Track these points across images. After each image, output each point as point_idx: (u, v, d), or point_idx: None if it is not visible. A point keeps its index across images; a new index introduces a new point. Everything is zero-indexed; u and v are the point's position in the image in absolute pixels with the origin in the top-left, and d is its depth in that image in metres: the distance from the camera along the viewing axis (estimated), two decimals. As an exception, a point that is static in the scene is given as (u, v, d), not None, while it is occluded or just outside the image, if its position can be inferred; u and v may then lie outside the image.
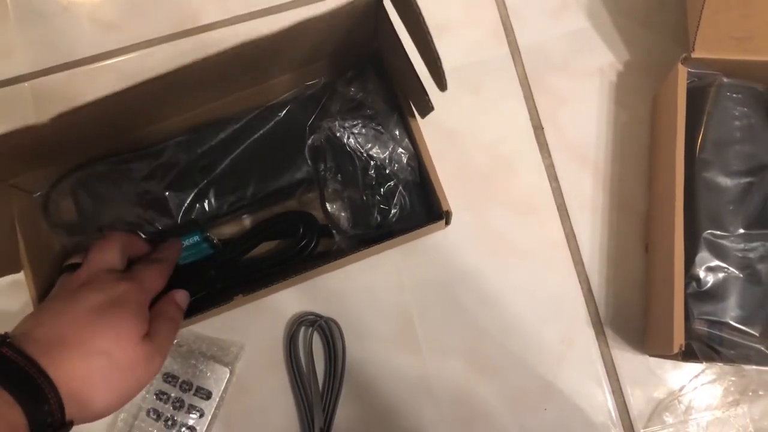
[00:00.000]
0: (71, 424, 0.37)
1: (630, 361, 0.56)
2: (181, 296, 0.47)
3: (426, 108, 0.43)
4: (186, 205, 0.52)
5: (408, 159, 0.51)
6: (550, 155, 0.59)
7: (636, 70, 0.60)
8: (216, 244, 0.54)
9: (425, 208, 0.52)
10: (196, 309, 0.50)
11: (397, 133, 0.51)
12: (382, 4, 0.42)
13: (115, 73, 0.61)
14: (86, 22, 0.62)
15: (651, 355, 0.54)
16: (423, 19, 0.36)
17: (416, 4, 0.36)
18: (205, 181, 0.52)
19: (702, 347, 0.49)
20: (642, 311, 0.56)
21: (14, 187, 0.52)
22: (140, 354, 0.40)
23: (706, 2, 0.49)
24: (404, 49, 0.43)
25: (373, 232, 0.51)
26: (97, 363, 0.38)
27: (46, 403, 0.35)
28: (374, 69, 0.52)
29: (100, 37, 0.62)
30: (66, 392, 0.36)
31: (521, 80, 0.60)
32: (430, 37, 0.37)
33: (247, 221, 0.56)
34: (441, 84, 0.40)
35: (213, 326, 0.56)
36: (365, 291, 0.57)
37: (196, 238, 0.52)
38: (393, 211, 0.50)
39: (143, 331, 0.41)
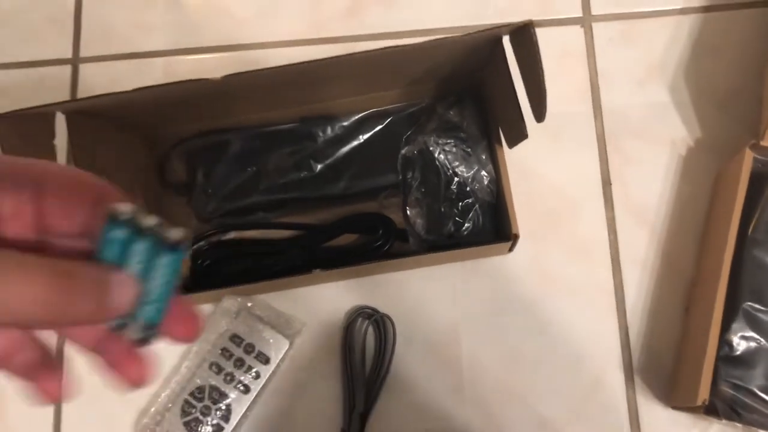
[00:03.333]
0: None
1: (654, 411, 0.60)
2: None
3: (520, 136, 0.49)
4: (287, 182, 0.58)
5: (489, 182, 0.57)
6: (612, 209, 0.64)
7: (705, 147, 0.65)
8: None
9: (495, 229, 0.58)
10: (274, 274, 0.56)
11: (483, 157, 0.57)
12: (502, 43, 0.48)
13: (239, 65, 0.69)
14: (223, 16, 0.70)
15: (674, 408, 0.58)
16: (540, 57, 0.42)
17: (538, 46, 0.42)
18: (308, 168, 0.58)
19: (724, 407, 0.53)
20: (673, 366, 0.60)
21: (143, 141, 0.59)
22: None
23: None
24: (512, 81, 0.49)
25: (445, 241, 0.57)
26: None
27: None
28: (472, 97, 0.59)
29: (231, 30, 0.70)
30: None
31: (598, 136, 0.65)
32: (542, 71, 0.42)
33: (329, 213, 0.63)
34: (540, 115, 0.46)
35: (283, 301, 0.62)
36: (422, 298, 0.62)
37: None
38: (466, 225, 0.56)
39: None
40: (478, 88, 0.59)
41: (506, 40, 0.50)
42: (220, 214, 0.60)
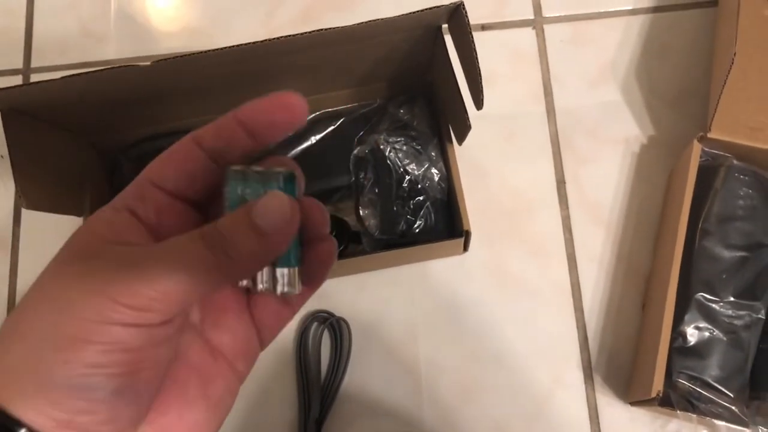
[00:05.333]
0: None
1: (613, 409, 0.59)
2: None
3: (464, 128, 0.49)
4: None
5: (439, 179, 0.57)
6: (567, 208, 0.64)
7: (658, 145, 0.65)
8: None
9: (448, 227, 0.58)
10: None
11: (433, 155, 0.57)
12: (441, 30, 0.49)
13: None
14: (174, 24, 0.70)
15: (632, 403, 0.58)
16: (472, 38, 0.42)
17: (469, 26, 0.42)
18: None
19: (679, 398, 0.53)
20: (630, 363, 0.60)
21: (91, 146, 0.59)
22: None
23: (725, 90, 0.55)
24: (454, 73, 0.49)
25: (398, 240, 0.56)
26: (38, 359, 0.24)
27: None
28: (424, 98, 0.59)
29: (184, 39, 0.70)
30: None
31: (552, 136, 0.66)
32: (476, 55, 0.43)
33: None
34: (478, 102, 0.46)
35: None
36: (379, 301, 0.62)
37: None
38: (418, 222, 0.56)
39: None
40: (429, 89, 0.59)
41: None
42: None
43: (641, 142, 0.66)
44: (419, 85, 0.59)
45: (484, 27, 0.69)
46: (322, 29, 0.44)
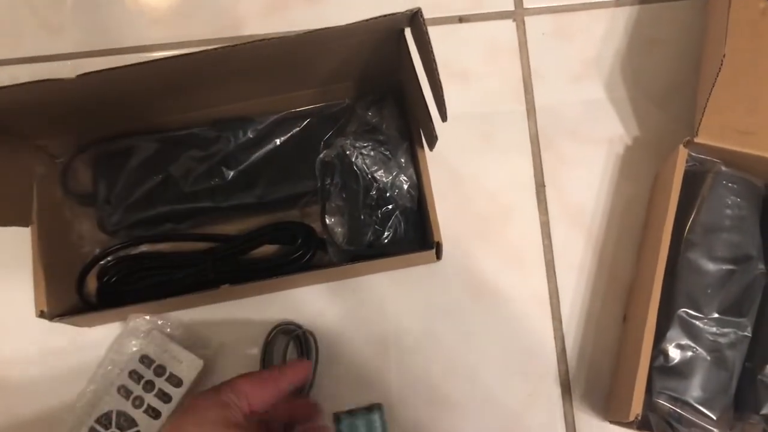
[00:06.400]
0: None
1: (591, 425, 0.57)
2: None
3: (431, 137, 0.46)
4: (197, 190, 0.55)
5: (409, 187, 0.53)
6: (547, 213, 0.61)
7: (643, 146, 0.62)
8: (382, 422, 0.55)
9: (419, 236, 0.54)
10: (182, 290, 0.52)
11: (403, 161, 0.53)
12: (404, 36, 0.45)
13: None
14: (135, 14, 0.66)
15: (611, 422, 0.55)
16: (431, 48, 0.39)
17: (427, 35, 0.38)
18: (219, 175, 0.55)
19: (659, 421, 0.50)
20: (610, 377, 0.57)
21: (40, 149, 0.55)
22: None
23: (713, 92, 0.51)
24: (418, 79, 0.45)
25: (365, 251, 0.53)
26: None
27: None
28: (394, 100, 0.55)
29: (145, 30, 0.66)
30: None
31: (532, 137, 0.62)
32: (436, 66, 0.39)
33: (245, 223, 0.59)
34: (442, 114, 0.42)
35: (197, 318, 0.58)
36: (348, 310, 0.59)
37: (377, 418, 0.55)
38: (386, 233, 0.52)
39: None
40: (399, 89, 0.55)
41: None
42: (125, 225, 0.55)
43: (626, 142, 0.62)
44: (388, 84, 0.55)
45: (461, 19, 0.65)
46: (274, 38, 0.41)
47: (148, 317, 0.57)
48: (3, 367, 0.58)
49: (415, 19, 0.39)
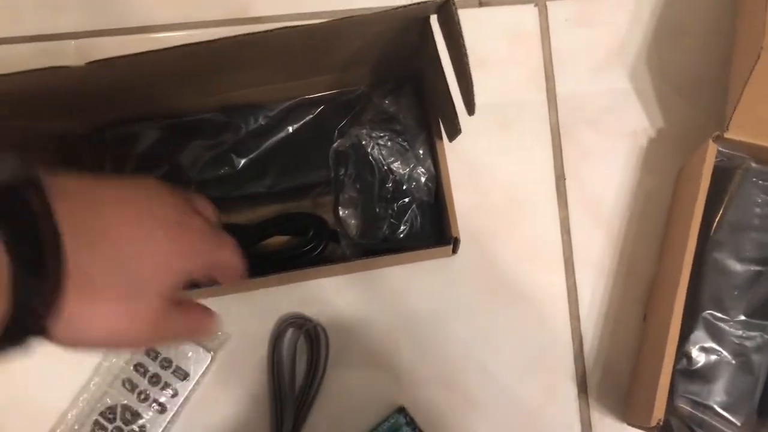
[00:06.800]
0: (43, 331, 0.28)
1: (607, 426, 0.55)
2: (211, 324, 0.39)
3: (454, 131, 0.44)
4: (206, 179, 0.53)
5: (427, 179, 0.51)
6: (567, 207, 0.59)
7: (668, 139, 0.60)
8: (408, 420, 0.54)
9: (435, 231, 0.53)
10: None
11: (421, 152, 0.51)
12: (429, 23, 0.43)
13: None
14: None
15: (629, 424, 0.54)
16: (463, 40, 0.36)
17: (459, 26, 0.36)
18: (229, 163, 0.53)
19: (681, 426, 0.49)
20: (628, 378, 0.55)
21: (45, 134, 0.53)
22: (152, 306, 0.32)
23: (747, 86, 0.49)
24: (443, 69, 0.43)
25: (379, 245, 0.51)
26: (120, 275, 0.30)
27: (43, 276, 0.27)
28: (412, 88, 0.53)
29: (152, 9, 0.63)
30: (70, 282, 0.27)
31: (552, 128, 0.60)
32: (467, 59, 0.37)
33: (255, 213, 0.57)
34: (470, 107, 0.40)
35: (204, 309, 0.56)
36: (360, 303, 0.57)
37: (402, 420, 0.54)
38: (402, 227, 0.51)
39: (177, 285, 0.33)
40: (418, 79, 0.53)
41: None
42: (131, 214, 0.53)
43: (649, 135, 0.60)
44: (407, 71, 0.53)
45: (481, 2, 0.62)
46: (296, 27, 0.38)
47: (154, 309, 0.55)
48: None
49: (446, 7, 0.37)
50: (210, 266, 0.37)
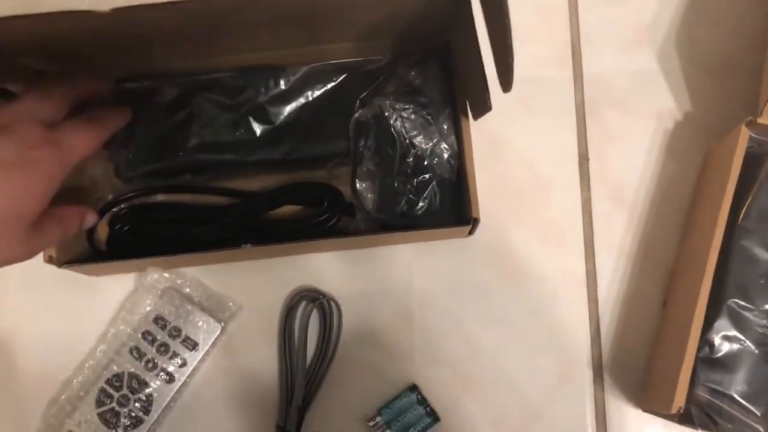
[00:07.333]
0: None
1: (622, 411, 0.54)
2: (90, 218, 0.47)
3: (484, 107, 0.42)
4: (221, 141, 0.51)
5: (449, 156, 0.50)
6: (589, 188, 0.57)
7: (695, 122, 0.58)
8: (420, 399, 0.54)
9: (454, 209, 0.51)
10: (198, 246, 0.49)
11: (445, 127, 0.50)
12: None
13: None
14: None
15: (645, 410, 0.53)
16: (508, 12, 0.35)
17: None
18: (246, 127, 0.51)
19: (700, 414, 0.48)
20: (646, 364, 0.54)
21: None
22: (16, 236, 0.37)
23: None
24: (478, 42, 0.41)
25: (396, 220, 0.50)
26: None
27: None
28: (439, 59, 0.51)
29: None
30: None
31: (578, 107, 0.59)
32: (510, 29, 0.35)
33: (268, 180, 0.55)
34: (507, 83, 0.39)
35: (217, 279, 0.55)
36: (373, 279, 0.56)
37: (414, 398, 0.54)
38: (421, 204, 0.49)
39: (34, 216, 0.38)
40: (445, 53, 0.51)
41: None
42: (141, 173, 0.52)
43: (675, 118, 0.59)
44: (434, 44, 0.51)
45: (509, -25, 0.60)
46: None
47: (167, 275, 0.54)
48: (8, 318, 0.55)
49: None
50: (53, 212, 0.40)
